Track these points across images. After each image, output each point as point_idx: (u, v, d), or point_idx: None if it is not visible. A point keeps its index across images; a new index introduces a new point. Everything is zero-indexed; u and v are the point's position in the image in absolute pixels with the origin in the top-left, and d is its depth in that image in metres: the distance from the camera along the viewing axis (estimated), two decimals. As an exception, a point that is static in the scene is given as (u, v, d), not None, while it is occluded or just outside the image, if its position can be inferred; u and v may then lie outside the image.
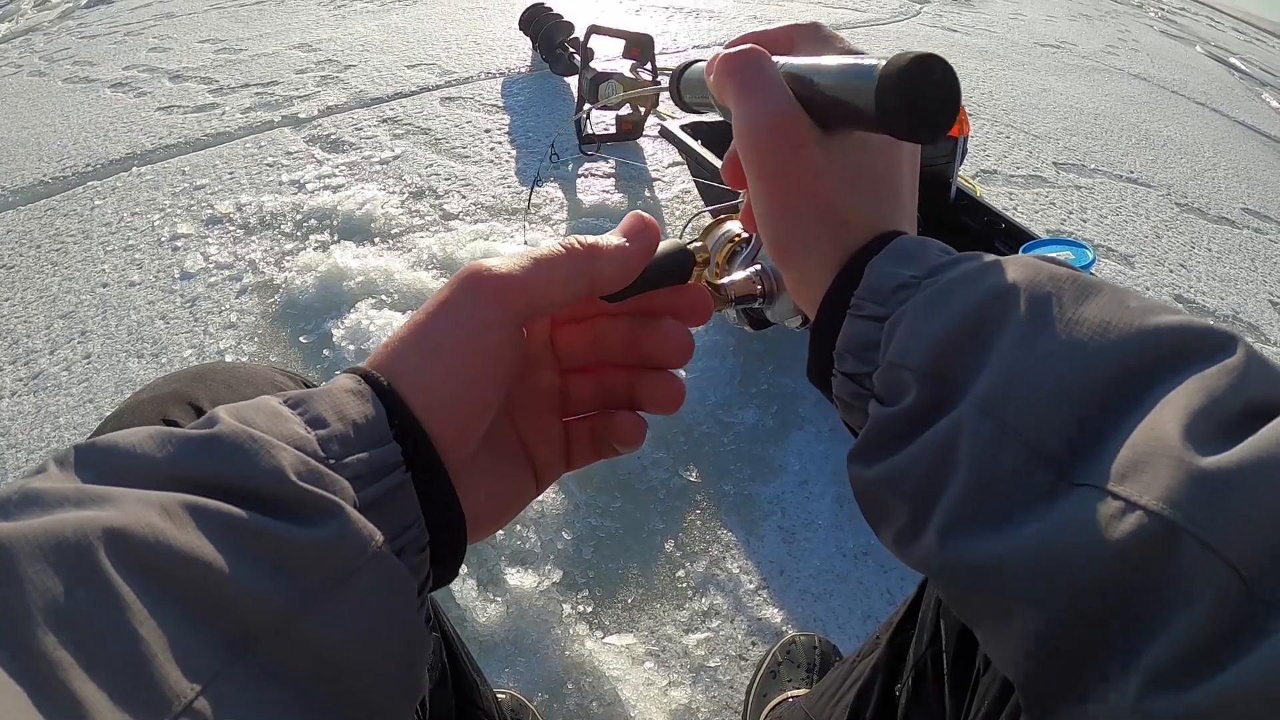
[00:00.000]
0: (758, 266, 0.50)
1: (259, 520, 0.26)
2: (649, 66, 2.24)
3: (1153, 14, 5.69)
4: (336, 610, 0.27)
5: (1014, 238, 1.53)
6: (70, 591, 0.22)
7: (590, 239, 0.39)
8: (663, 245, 0.42)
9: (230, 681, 0.23)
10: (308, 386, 0.58)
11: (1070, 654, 0.26)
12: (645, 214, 0.41)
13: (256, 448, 0.28)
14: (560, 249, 0.38)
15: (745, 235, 0.53)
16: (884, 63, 0.34)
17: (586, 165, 2.21)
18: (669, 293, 0.43)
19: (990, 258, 0.36)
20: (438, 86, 2.73)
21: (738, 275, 0.50)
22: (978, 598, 0.30)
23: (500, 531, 1.18)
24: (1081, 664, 0.26)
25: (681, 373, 1.46)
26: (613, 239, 0.40)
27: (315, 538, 0.27)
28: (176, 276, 1.76)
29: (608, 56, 2.37)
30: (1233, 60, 4.68)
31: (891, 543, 0.36)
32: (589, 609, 1.12)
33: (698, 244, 0.45)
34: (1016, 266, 0.34)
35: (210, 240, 1.88)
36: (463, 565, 1.14)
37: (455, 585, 1.10)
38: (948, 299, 0.34)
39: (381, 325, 1.49)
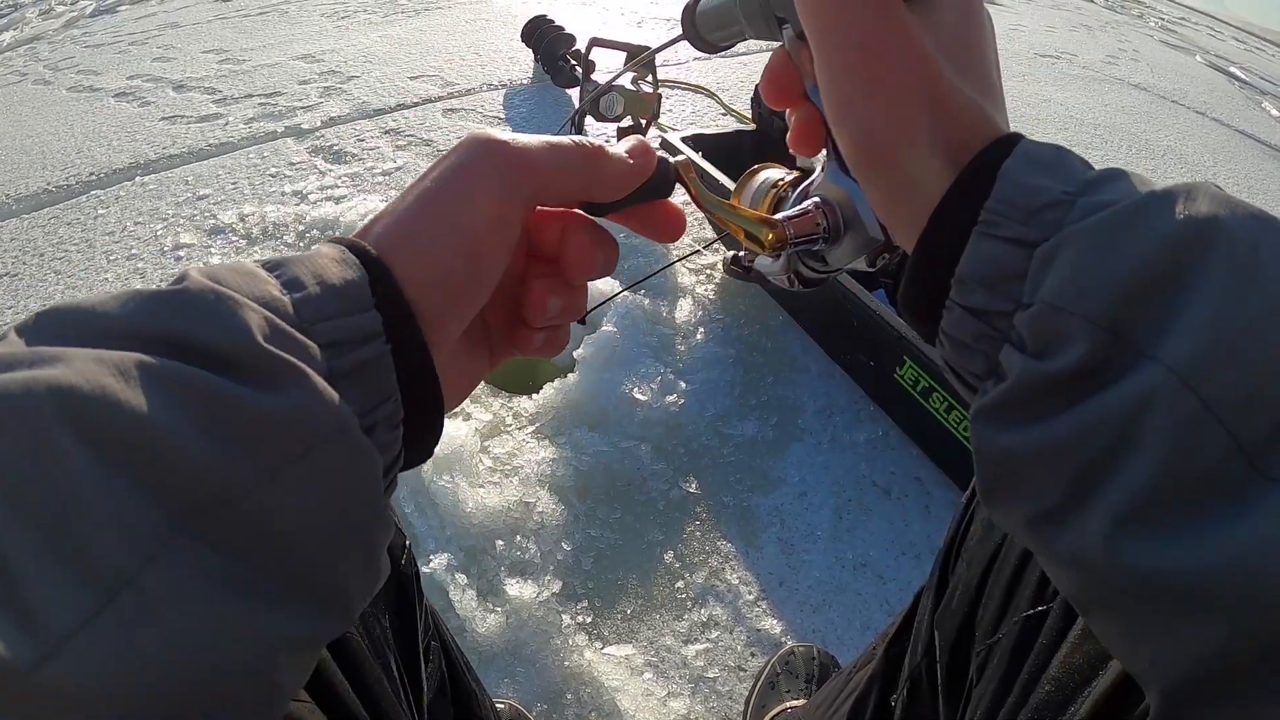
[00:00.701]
0: (815, 199, 0.43)
1: (217, 384, 0.24)
2: (650, 79, 2.24)
3: (1153, 24, 5.71)
4: (292, 486, 0.25)
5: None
6: (8, 454, 0.21)
7: (596, 142, 0.37)
8: None
9: (172, 556, 0.22)
10: None
11: (1249, 668, 0.24)
12: (644, 139, 0.38)
13: (223, 305, 0.26)
14: (570, 141, 0.35)
15: (788, 179, 0.47)
16: None
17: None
18: (644, 207, 0.40)
19: (1152, 180, 0.30)
20: (440, 98, 2.74)
21: (793, 211, 0.43)
22: (1138, 603, 0.26)
23: (500, 541, 1.18)
24: (1258, 678, 0.24)
25: (682, 383, 1.46)
26: (618, 149, 0.37)
27: (277, 406, 0.25)
28: (179, 286, 1.77)
29: (609, 69, 2.39)
30: (1233, 69, 4.70)
31: (1024, 524, 0.31)
32: (588, 619, 1.12)
33: (681, 157, 0.40)
34: (1206, 198, 0.28)
35: (213, 250, 1.89)
36: (460, 580, 1.12)
37: (454, 595, 1.11)
38: (1129, 231, 0.28)
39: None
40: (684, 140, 1.74)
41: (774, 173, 0.48)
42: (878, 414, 1.47)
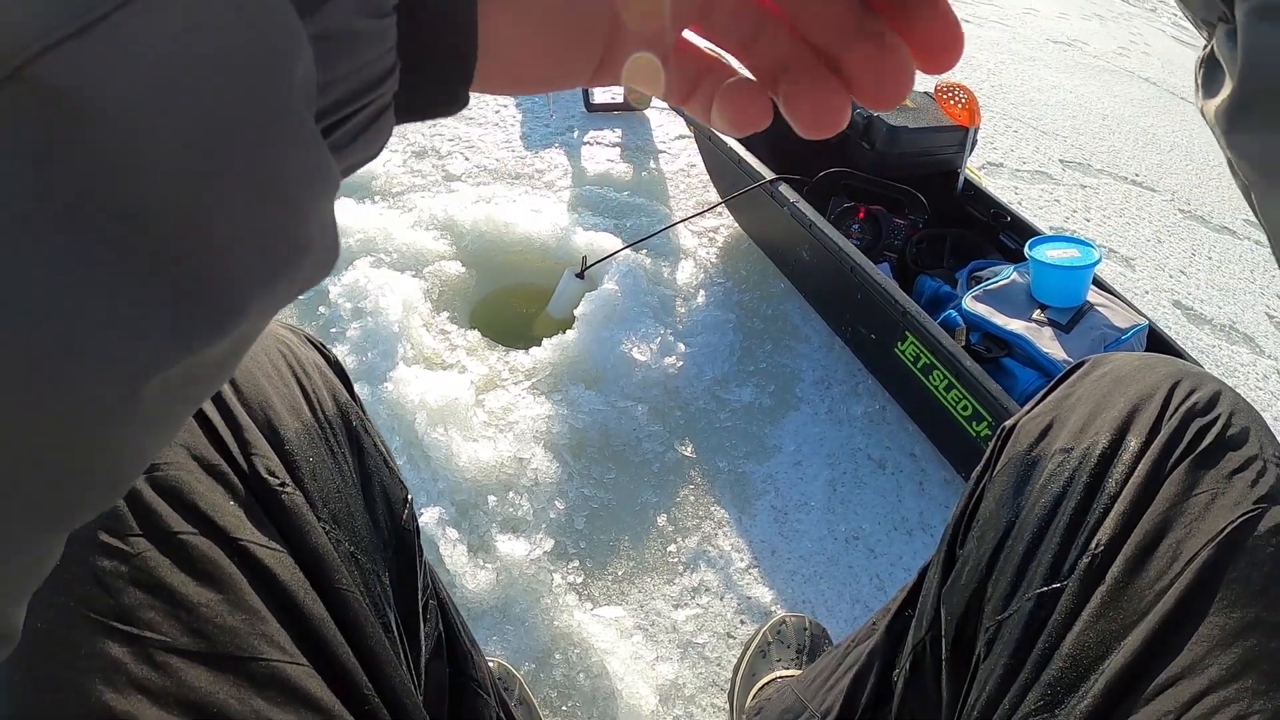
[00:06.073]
0: None
1: None
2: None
3: (1165, 19, 5.66)
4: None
5: (1019, 232, 1.53)
6: None
7: None
8: None
9: None
10: (311, 341, 0.56)
11: None
12: None
13: None
14: None
15: None
16: None
17: (592, 133, 2.18)
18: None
19: None
20: (444, 46, 2.68)
21: None
22: None
23: (493, 497, 1.16)
24: None
25: (681, 345, 1.45)
26: None
27: None
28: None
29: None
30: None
31: None
32: (579, 580, 1.11)
33: None
34: None
35: None
36: (451, 535, 1.10)
37: (445, 550, 1.09)
38: None
39: (380, 284, 1.47)
40: None
41: None
42: (876, 388, 1.46)
